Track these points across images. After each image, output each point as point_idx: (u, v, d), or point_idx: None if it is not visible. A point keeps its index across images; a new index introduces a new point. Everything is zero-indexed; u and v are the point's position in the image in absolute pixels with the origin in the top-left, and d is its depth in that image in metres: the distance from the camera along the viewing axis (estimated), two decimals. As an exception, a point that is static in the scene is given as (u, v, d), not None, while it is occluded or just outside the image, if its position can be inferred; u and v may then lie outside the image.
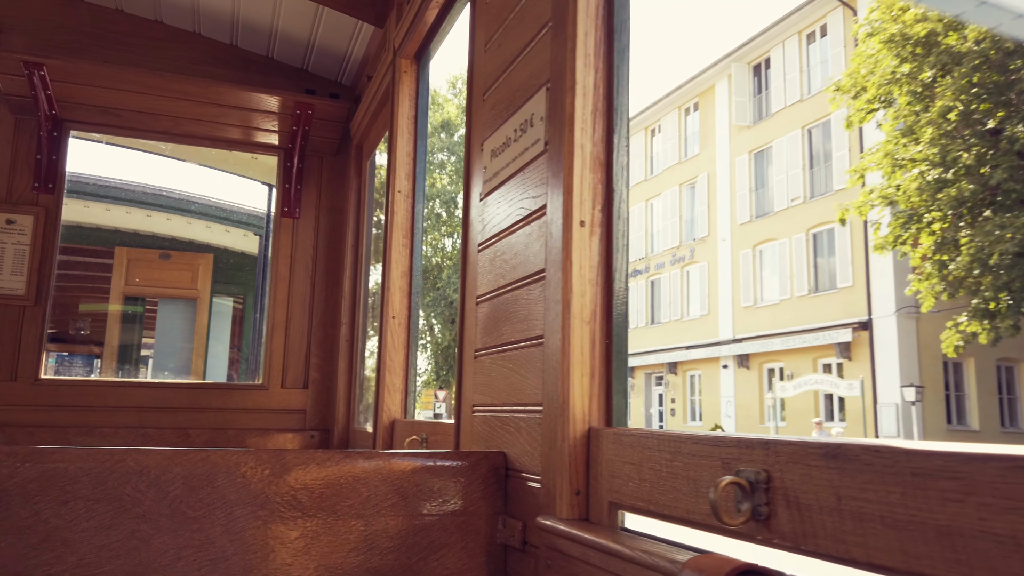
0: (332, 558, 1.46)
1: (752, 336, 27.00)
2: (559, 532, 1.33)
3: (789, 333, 25.31)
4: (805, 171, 25.69)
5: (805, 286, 25.26)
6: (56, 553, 1.30)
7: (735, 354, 27.58)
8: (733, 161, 28.87)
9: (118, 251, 4.50)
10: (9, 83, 3.32)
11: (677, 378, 31.02)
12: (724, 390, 28.28)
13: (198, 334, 4.55)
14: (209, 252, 4.90)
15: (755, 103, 28.48)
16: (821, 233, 24.88)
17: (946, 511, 0.70)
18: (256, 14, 3.60)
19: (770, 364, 26.69)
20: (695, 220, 30.80)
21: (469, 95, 2.09)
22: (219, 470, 1.41)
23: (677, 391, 31.00)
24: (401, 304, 2.86)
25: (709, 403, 29.07)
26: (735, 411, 27.44)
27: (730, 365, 28.03)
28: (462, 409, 1.94)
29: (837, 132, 23.84)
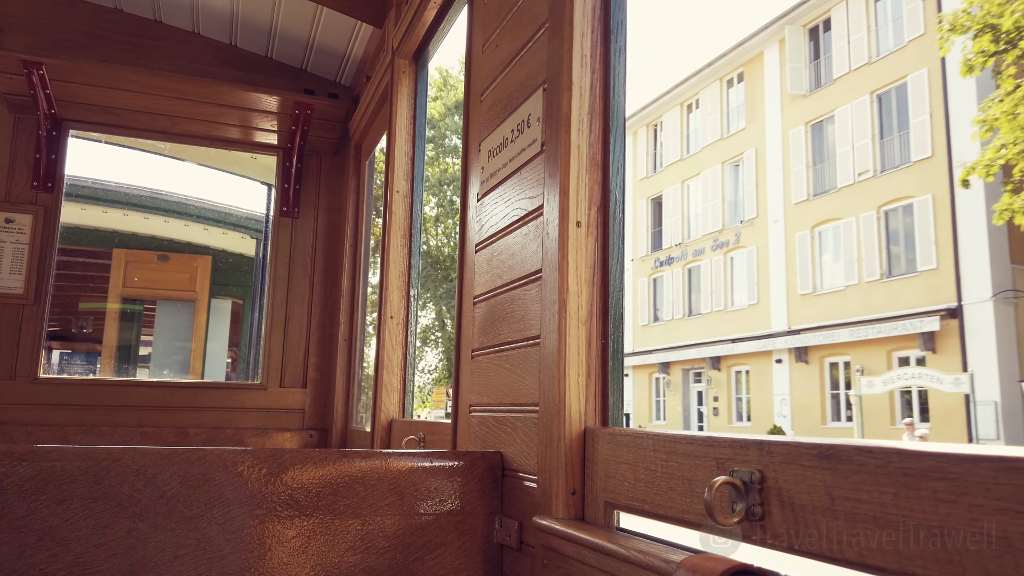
0: (329, 557, 1.46)
1: (812, 327, 23.93)
2: (555, 532, 1.33)
3: (860, 323, 22.04)
4: (874, 142, 22.46)
5: (876, 270, 22.02)
6: (52, 551, 1.30)
7: (791, 347, 24.58)
8: (786, 134, 25.71)
9: (116, 252, 4.49)
10: (8, 82, 3.33)
11: (720, 374, 27.94)
12: (778, 387, 25.26)
13: (196, 335, 4.55)
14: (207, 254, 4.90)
15: (812, 69, 25.49)
16: (895, 210, 21.76)
17: (938, 512, 0.71)
18: (255, 14, 3.60)
19: (833, 358, 23.57)
20: (741, 201, 27.73)
21: (467, 95, 2.09)
22: (216, 469, 1.41)
23: (721, 388, 27.95)
24: (399, 304, 2.86)
25: (759, 401, 26.05)
26: (791, 410, 24.56)
27: (785, 359, 25.01)
28: (459, 409, 1.95)
29: (916, 96, 21.08)
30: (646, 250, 32.97)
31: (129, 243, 4.82)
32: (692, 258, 29.94)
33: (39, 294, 3.45)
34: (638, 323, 32.63)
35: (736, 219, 27.89)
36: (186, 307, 4.58)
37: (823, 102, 24.64)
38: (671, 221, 31.19)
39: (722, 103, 29.07)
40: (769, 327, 25.73)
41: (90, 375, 4.61)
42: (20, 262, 3.44)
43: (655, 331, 31.76)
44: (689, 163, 30.57)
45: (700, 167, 29.82)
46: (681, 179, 30.90)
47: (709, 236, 29.02)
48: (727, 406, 27.69)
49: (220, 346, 4.75)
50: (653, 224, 32.86)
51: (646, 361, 31.62)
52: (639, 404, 32.20)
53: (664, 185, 31.96)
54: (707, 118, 29.63)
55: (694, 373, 29.95)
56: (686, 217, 30.54)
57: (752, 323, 26.48)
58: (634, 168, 33.65)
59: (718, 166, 28.83)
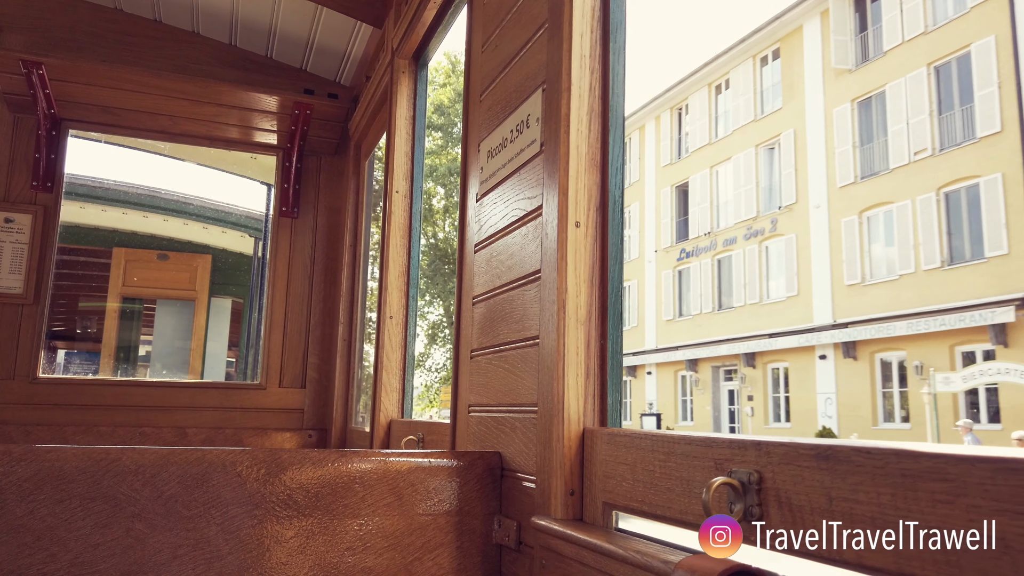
0: (327, 557, 1.46)
1: (862, 319, 21.43)
2: (553, 532, 1.33)
3: (919, 315, 19.66)
4: (932, 118, 20.10)
5: (936, 257, 19.69)
6: (51, 552, 1.30)
7: (837, 342, 22.26)
8: (829, 113, 23.33)
9: (116, 251, 4.49)
10: (8, 82, 3.32)
11: (756, 372, 25.53)
12: (822, 385, 22.89)
13: (196, 335, 4.55)
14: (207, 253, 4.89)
15: (858, 42, 22.99)
16: (957, 191, 19.42)
17: (936, 512, 0.71)
18: (255, 14, 3.60)
19: (886, 353, 21.18)
20: (777, 186, 25.37)
21: (466, 96, 2.09)
22: (214, 469, 1.41)
23: (756, 387, 25.60)
24: (399, 304, 2.86)
25: (801, 401, 23.78)
26: (836, 410, 22.23)
27: (830, 355, 22.73)
28: (458, 409, 1.95)
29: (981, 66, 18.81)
30: (670, 240, 30.62)
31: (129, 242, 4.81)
32: (722, 248, 27.52)
33: (38, 294, 3.45)
34: (662, 318, 30.59)
35: (772, 205, 25.63)
36: (186, 306, 4.58)
37: (872, 77, 22.10)
38: (698, 209, 28.80)
39: (755, 82, 26.70)
40: (811, 320, 23.44)
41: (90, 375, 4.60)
42: (19, 262, 3.44)
43: (681, 326, 29.59)
44: (718, 147, 28.08)
45: (731, 151, 27.34)
46: (709, 164, 28.41)
47: (742, 224, 26.68)
48: (763, 406, 25.34)
49: (220, 346, 4.74)
50: (678, 213, 30.60)
51: (671, 358, 29.44)
52: (663, 404, 29.91)
53: (690, 171, 29.68)
54: (738, 99, 27.24)
55: (725, 371, 27.51)
56: (715, 205, 28.18)
57: (791, 317, 24.13)
58: (657, 154, 31.60)
59: (751, 149, 26.40)
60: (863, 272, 21.95)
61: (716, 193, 28.27)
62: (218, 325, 4.68)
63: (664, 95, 31.21)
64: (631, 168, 32.82)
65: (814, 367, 23.34)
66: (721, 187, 28.05)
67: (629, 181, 32.87)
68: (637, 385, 31.41)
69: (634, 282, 32.13)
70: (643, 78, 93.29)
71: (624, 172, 1.51)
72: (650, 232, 31.75)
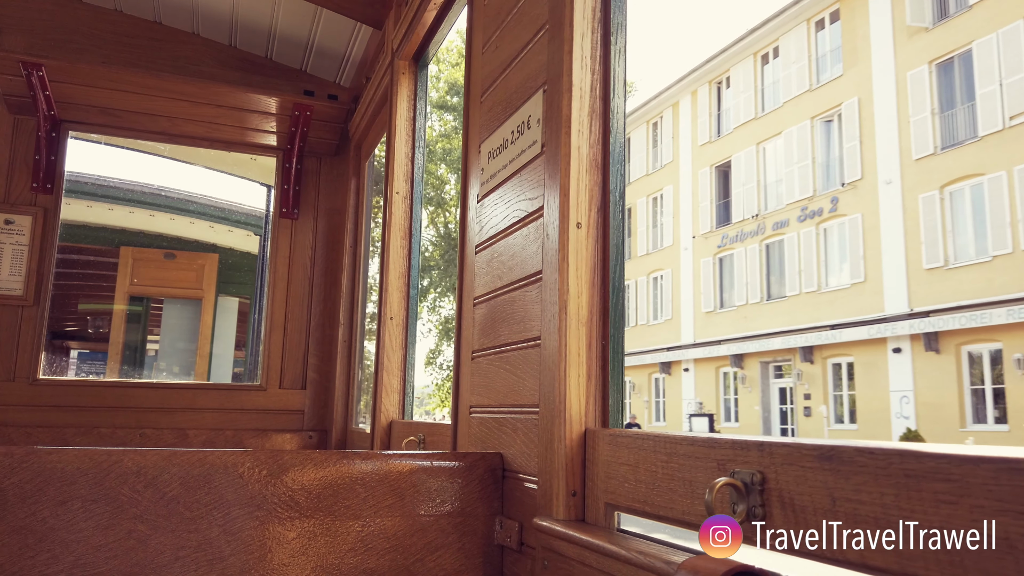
0: (329, 559, 1.46)
1: (947, 307, 18.73)
2: (556, 533, 1.33)
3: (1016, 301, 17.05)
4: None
5: None
6: (53, 553, 1.30)
7: (915, 333, 19.52)
8: (901, 78, 20.58)
9: (123, 251, 4.49)
10: (7, 83, 3.32)
11: (814, 368, 22.91)
12: (896, 382, 20.20)
13: (203, 334, 4.54)
14: (214, 252, 4.89)
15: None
16: None
17: (940, 513, 0.71)
18: (255, 15, 3.60)
19: (975, 346, 18.55)
20: (837, 162, 22.72)
21: (467, 97, 2.10)
22: (216, 470, 1.41)
23: (815, 384, 22.92)
24: (399, 305, 2.86)
25: (869, 400, 21.03)
26: (914, 410, 19.60)
27: (905, 348, 20.00)
28: (459, 410, 1.95)
29: None
30: (710, 225, 27.87)
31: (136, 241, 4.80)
32: (772, 232, 24.77)
33: (39, 295, 3.45)
34: (700, 309, 27.96)
35: (832, 183, 22.89)
36: (193, 305, 4.58)
37: (953, 35, 19.40)
38: (743, 190, 25.99)
39: (810, 48, 24.08)
40: (882, 310, 20.57)
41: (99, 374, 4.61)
42: (20, 263, 3.44)
43: (723, 318, 26.87)
44: (766, 122, 25.31)
45: (781, 125, 24.60)
46: (756, 141, 25.64)
47: (795, 205, 23.97)
48: (823, 405, 22.71)
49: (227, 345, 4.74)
50: (719, 195, 27.84)
51: (713, 353, 26.83)
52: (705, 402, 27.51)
53: (733, 149, 26.93)
54: (789, 68, 24.60)
55: (775, 367, 24.79)
56: (762, 185, 25.35)
57: (857, 306, 21.27)
58: (693, 132, 28.99)
59: (806, 122, 23.72)
60: (946, 254, 19.20)
61: (763, 172, 25.45)
62: (225, 325, 4.68)
63: (702, 68, 28.52)
64: (663, 148, 30.89)
65: (886, 362, 20.46)
66: (769, 165, 25.27)
67: (661, 163, 30.84)
68: (672, 383, 29.26)
69: (668, 271, 29.94)
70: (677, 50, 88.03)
71: (626, 173, 1.51)
72: (686, 217, 29.19)
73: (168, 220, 4.92)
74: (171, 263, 4.62)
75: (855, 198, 21.97)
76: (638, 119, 32.39)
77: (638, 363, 30.37)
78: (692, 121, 29.29)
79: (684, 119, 29.80)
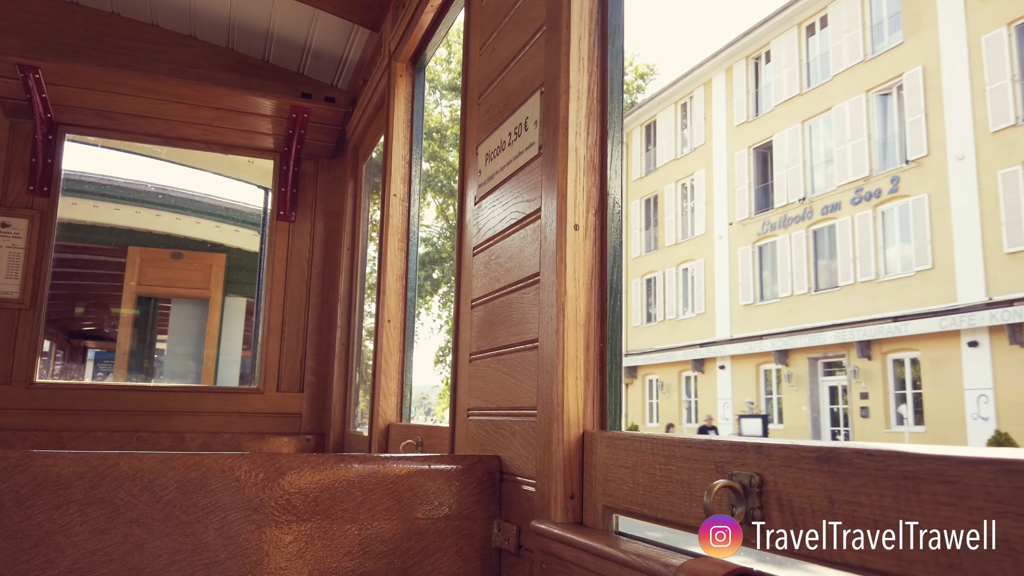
0: (326, 562, 1.46)
1: None
2: (553, 536, 1.32)
3: None
4: None
5: None
6: (48, 557, 1.29)
7: (998, 324, 17.30)
8: (975, 42, 18.28)
9: (131, 250, 4.49)
10: (4, 86, 3.32)
11: (872, 364, 20.52)
12: (972, 380, 18.01)
13: (210, 334, 4.54)
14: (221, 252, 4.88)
15: None
16: None
17: (939, 514, 0.70)
18: (252, 18, 3.60)
19: None
20: (896, 138, 20.47)
21: (464, 98, 2.09)
22: (213, 474, 1.40)
23: (873, 383, 20.58)
24: (397, 307, 2.85)
25: (940, 399, 18.73)
26: (995, 410, 17.39)
27: (983, 341, 17.85)
28: (457, 413, 1.94)
29: None
30: (748, 212, 25.57)
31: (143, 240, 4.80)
32: (820, 217, 22.51)
33: (35, 298, 3.44)
34: (738, 302, 25.67)
35: (890, 162, 20.61)
36: (200, 305, 4.58)
37: None
38: (786, 172, 23.82)
39: (863, 16, 21.98)
40: (953, 299, 18.36)
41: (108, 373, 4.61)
42: (16, 266, 3.43)
43: (764, 311, 24.62)
44: (812, 97, 23.22)
45: (831, 100, 22.46)
46: (801, 118, 23.52)
47: (848, 186, 21.64)
48: (882, 405, 20.33)
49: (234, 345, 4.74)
50: (757, 179, 25.59)
51: (753, 349, 24.64)
52: (742, 403, 24.90)
53: (773, 128, 24.76)
54: (839, 38, 22.48)
55: (825, 363, 22.56)
56: (808, 166, 23.20)
57: (922, 295, 19.04)
58: (728, 112, 26.77)
59: (860, 96, 21.41)
60: (1032, 236, 16.97)
61: (809, 153, 23.20)
62: (232, 324, 4.67)
63: (737, 43, 26.26)
64: (694, 130, 28.51)
65: (959, 357, 18.21)
66: (815, 145, 23.06)
67: (692, 146, 28.48)
68: (706, 382, 26.88)
69: (700, 262, 27.58)
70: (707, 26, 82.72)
71: (623, 175, 1.51)
72: (720, 203, 26.82)
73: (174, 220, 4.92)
74: (178, 263, 4.63)
75: (920, 177, 19.53)
76: (664, 100, 30.02)
77: (667, 360, 28.29)
78: (727, 100, 26.93)
79: (718, 98, 27.50)
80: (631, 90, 34.22)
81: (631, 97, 33.68)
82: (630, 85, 34.14)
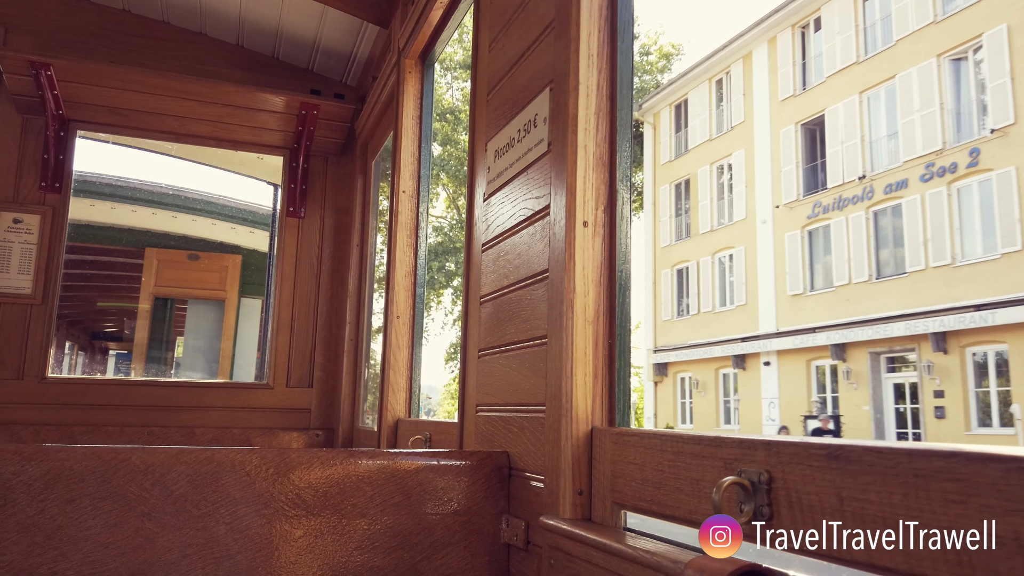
0: (336, 556, 1.46)
1: None
2: (562, 532, 1.33)
3: None
4: None
5: None
6: (61, 550, 1.31)
7: None
8: None
9: (148, 252, 4.53)
10: (16, 83, 3.34)
11: (949, 358, 18.15)
12: None
13: (225, 335, 4.57)
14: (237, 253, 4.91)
15: None
16: None
17: (948, 512, 0.70)
18: (262, 15, 3.61)
19: None
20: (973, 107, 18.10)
21: (473, 95, 2.09)
22: (224, 469, 1.41)
23: (948, 379, 18.22)
24: (405, 304, 2.86)
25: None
26: None
27: None
28: (466, 409, 1.95)
29: None
30: (796, 193, 23.09)
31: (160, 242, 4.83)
32: (883, 196, 20.05)
33: (47, 294, 3.47)
34: (785, 292, 23.12)
35: (968, 133, 18.22)
36: (216, 306, 4.61)
37: None
38: (841, 149, 21.42)
39: None
40: None
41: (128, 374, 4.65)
42: (28, 262, 3.45)
43: (816, 302, 22.15)
44: (872, 66, 20.65)
45: (894, 68, 19.90)
46: (858, 89, 20.99)
47: (917, 162, 19.17)
48: (961, 404, 17.98)
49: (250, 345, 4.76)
50: (806, 158, 23.11)
51: (804, 343, 22.07)
52: (791, 401, 22.41)
53: (826, 102, 22.34)
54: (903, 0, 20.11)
55: (889, 358, 20.15)
56: (868, 141, 20.65)
57: (1009, 281, 16.77)
58: (772, 86, 24.37)
59: (930, 62, 18.97)
60: None
61: (868, 126, 20.68)
62: (248, 325, 4.70)
63: (783, 9, 23.99)
64: (731, 108, 25.98)
65: None
66: (875, 118, 20.53)
67: (729, 124, 25.91)
68: (747, 379, 24.27)
69: (740, 249, 25.01)
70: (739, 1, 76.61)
71: (631, 171, 1.50)
72: (763, 185, 24.27)
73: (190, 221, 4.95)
74: (195, 264, 4.66)
75: (1005, 149, 17.02)
76: (697, 77, 27.38)
77: (702, 356, 25.78)
78: (770, 73, 24.40)
79: (759, 72, 24.96)
80: (654, 71, 32.96)
81: (654, 78, 32.33)
82: (654, 65, 32.90)
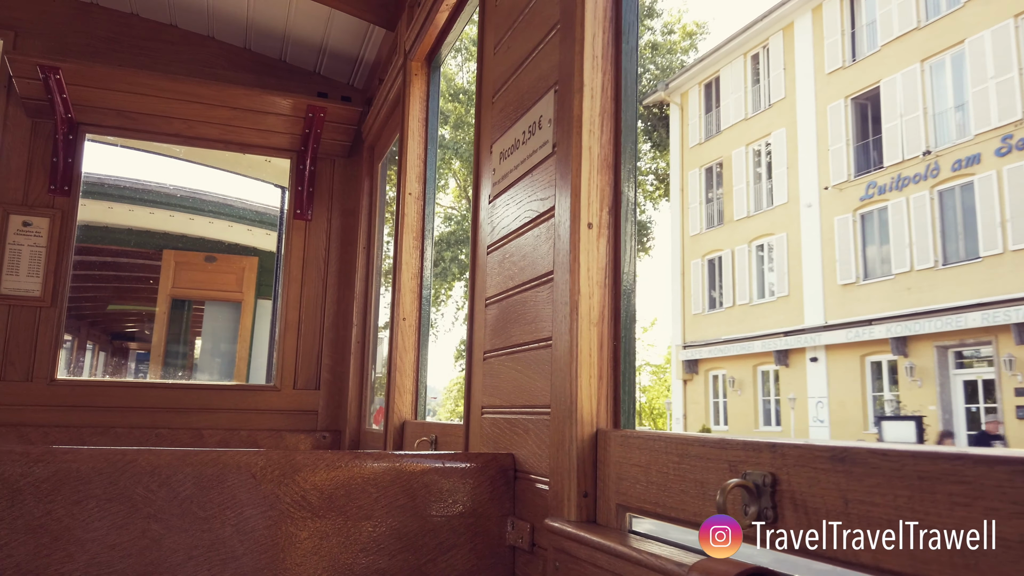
0: (341, 559, 1.47)
1: None
2: (567, 534, 1.33)
3: None
4: None
5: None
6: (68, 552, 1.31)
7: None
8: None
9: (166, 254, 4.56)
10: (25, 86, 3.36)
11: None
12: None
13: (242, 336, 4.59)
14: (254, 255, 4.94)
15: None
16: None
17: (954, 515, 0.70)
18: (269, 18, 3.62)
19: None
20: None
21: (478, 97, 2.10)
22: (230, 470, 1.42)
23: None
24: (412, 306, 2.86)
25: None
26: None
27: None
28: (471, 411, 1.95)
29: None
30: (846, 174, 20.75)
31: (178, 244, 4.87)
32: (951, 174, 18.00)
33: (56, 296, 3.49)
34: (834, 282, 20.83)
35: None
36: (233, 308, 4.63)
37: None
38: (900, 124, 19.17)
39: None
40: None
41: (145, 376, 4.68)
42: (38, 265, 3.47)
43: (870, 292, 19.83)
44: (935, 31, 18.64)
45: (961, 33, 17.83)
46: (919, 57, 18.89)
47: (991, 134, 17.04)
48: None
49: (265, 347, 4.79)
50: (857, 135, 20.82)
51: (857, 337, 19.84)
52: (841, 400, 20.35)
53: (880, 73, 20.01)
54: None
55: (958, 353, 18.15)
56: (931, 114, 18.59)
57: None
58: (817, 58, 22.14)
59: (1005, 24, 16.77)
60: None
61: (931, 98, 18.68)
62: (264, 327, 4.72)
63: None
64: (770, 84, 23.83)
65: None
66: (940, 89, 18.54)
67: (768, 101, 23.75)
68: (791, 377, 22.01)
69: (781, 236, 22.74)
70: None
71: (636, 172, 1.50)
72: (808, 166, 22.09)
73: (207, 223, 4.97)
74: (212, 266, 4.68)
75: None
76: (730, 52, 25.22)
77: (738, 352, 23.62)
78: (814, 45, 22.20)
79: (802, 44, 22.74)
80: (677, 51, 31.85)
81: (677, 58, 31.20)
82: (676, 45, 31.90)
